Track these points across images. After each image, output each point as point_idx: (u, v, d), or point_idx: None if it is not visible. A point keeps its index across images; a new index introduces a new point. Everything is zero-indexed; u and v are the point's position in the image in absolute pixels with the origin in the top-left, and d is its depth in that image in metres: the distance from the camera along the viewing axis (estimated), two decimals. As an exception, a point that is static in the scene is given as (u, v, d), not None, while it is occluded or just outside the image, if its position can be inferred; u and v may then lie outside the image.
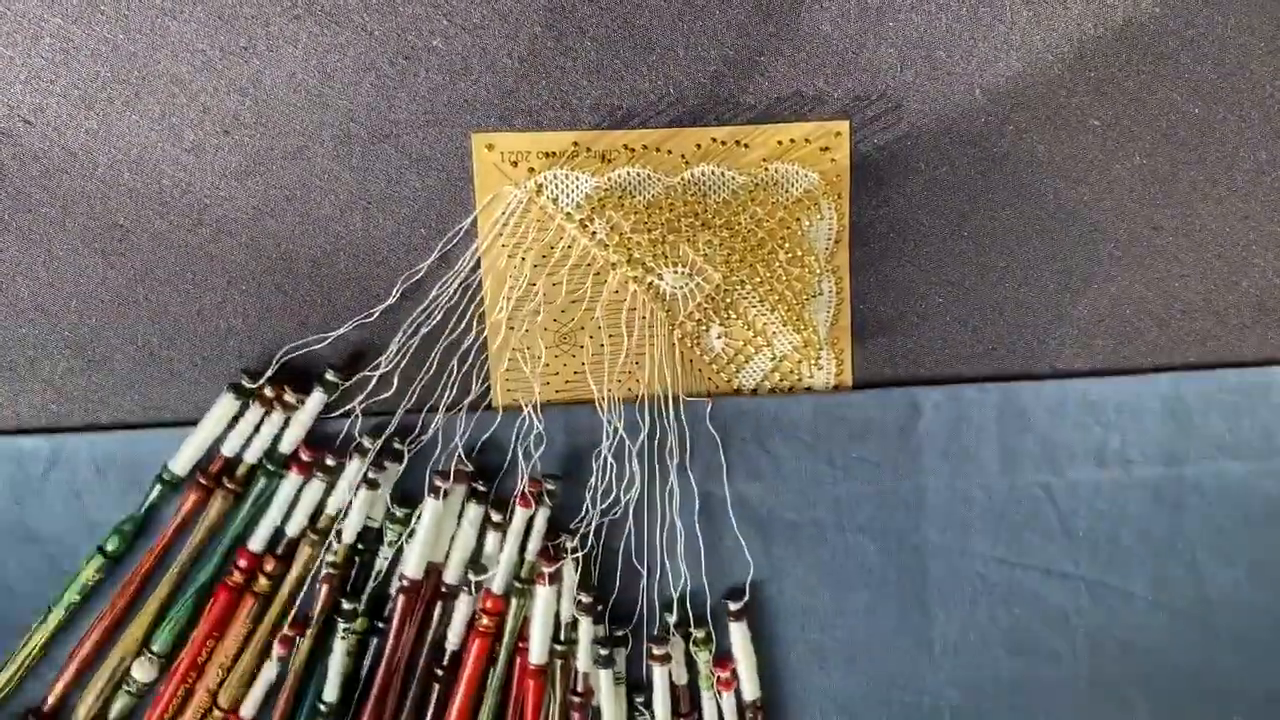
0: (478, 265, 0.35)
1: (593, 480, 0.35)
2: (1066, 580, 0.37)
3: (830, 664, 0.36)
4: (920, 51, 0.34)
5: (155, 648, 0.34)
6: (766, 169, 0.34)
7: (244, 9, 0.33)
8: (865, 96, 0.34)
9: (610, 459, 0.35)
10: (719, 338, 0.36)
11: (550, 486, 0.34)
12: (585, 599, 0.35)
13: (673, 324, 0.35)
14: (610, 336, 0.35)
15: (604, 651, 0.35)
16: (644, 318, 0.35)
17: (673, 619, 0.36)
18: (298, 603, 0.34)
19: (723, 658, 0.36)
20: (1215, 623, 0.37)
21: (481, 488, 0.35)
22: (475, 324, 0.35)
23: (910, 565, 0.36)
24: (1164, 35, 0.35)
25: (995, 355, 0.37)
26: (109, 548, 0.34)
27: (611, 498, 0.35)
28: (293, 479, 0.34)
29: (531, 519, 0.35)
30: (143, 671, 0.33)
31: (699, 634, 0.35)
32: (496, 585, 0.34)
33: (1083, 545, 0.37)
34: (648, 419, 0.35)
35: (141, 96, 0.33)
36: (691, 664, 0.36)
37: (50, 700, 0.34)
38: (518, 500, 0.34)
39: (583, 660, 0.35)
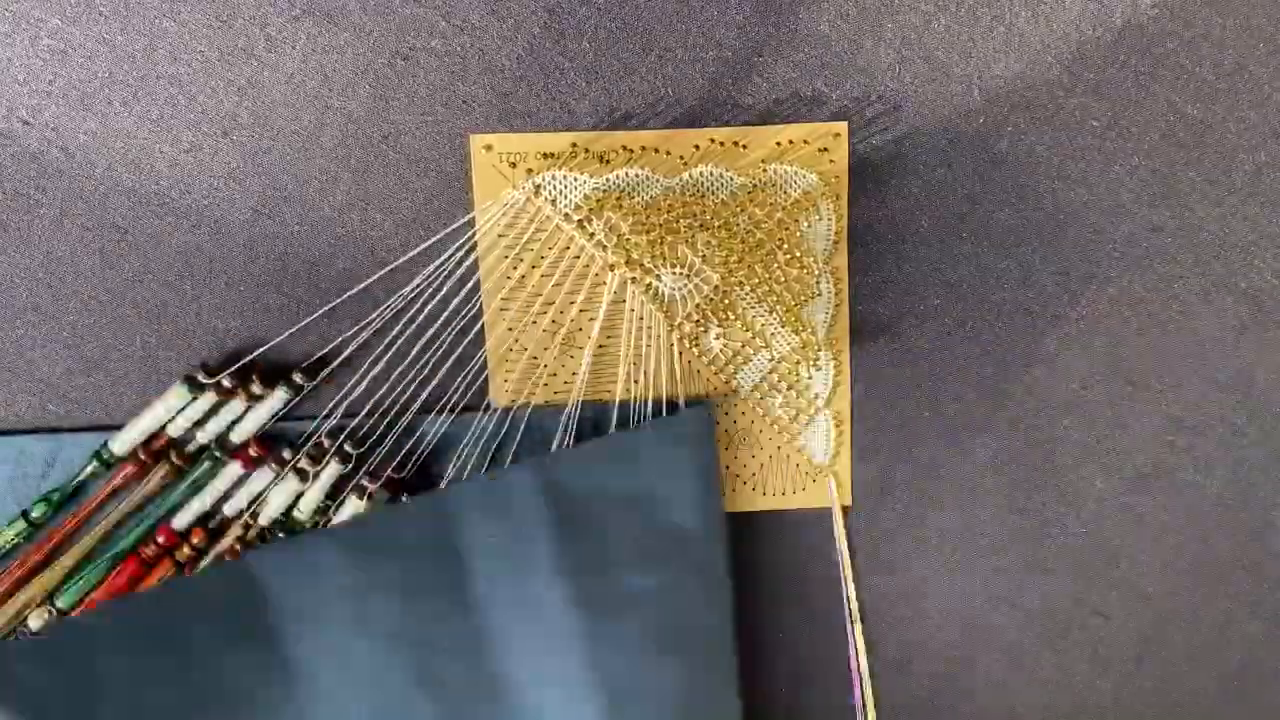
0: (476, 266, 0.35)
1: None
2: None
3: None
4: (919, 52, 0.34)
5: (59, 603, 0.34)
6: (765, 170, 0.34)
7: (242, 10, 0.33)
8: (863, 98, 0.34)
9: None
10: (717, 339, 0.36)
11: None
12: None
13: (671, 325, 0.35)
14: (609, 338, 0.35)
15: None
16: (642, 319, 0.35)
17: None
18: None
19: None
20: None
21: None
22: (473, 325, 0.35)
23: None
24: (1163, 36, 0.35)
25: (993, 356, 0.37)
26: (34, 514, 0.34)
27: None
28: (234, 469, 0.34)
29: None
30: (39, 623, 0.34)
31: None
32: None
33: None
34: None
35: (140, 97, 0.33)
36: None
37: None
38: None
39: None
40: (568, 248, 0.35)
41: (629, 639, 0.32)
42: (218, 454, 0.34)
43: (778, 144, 0.35)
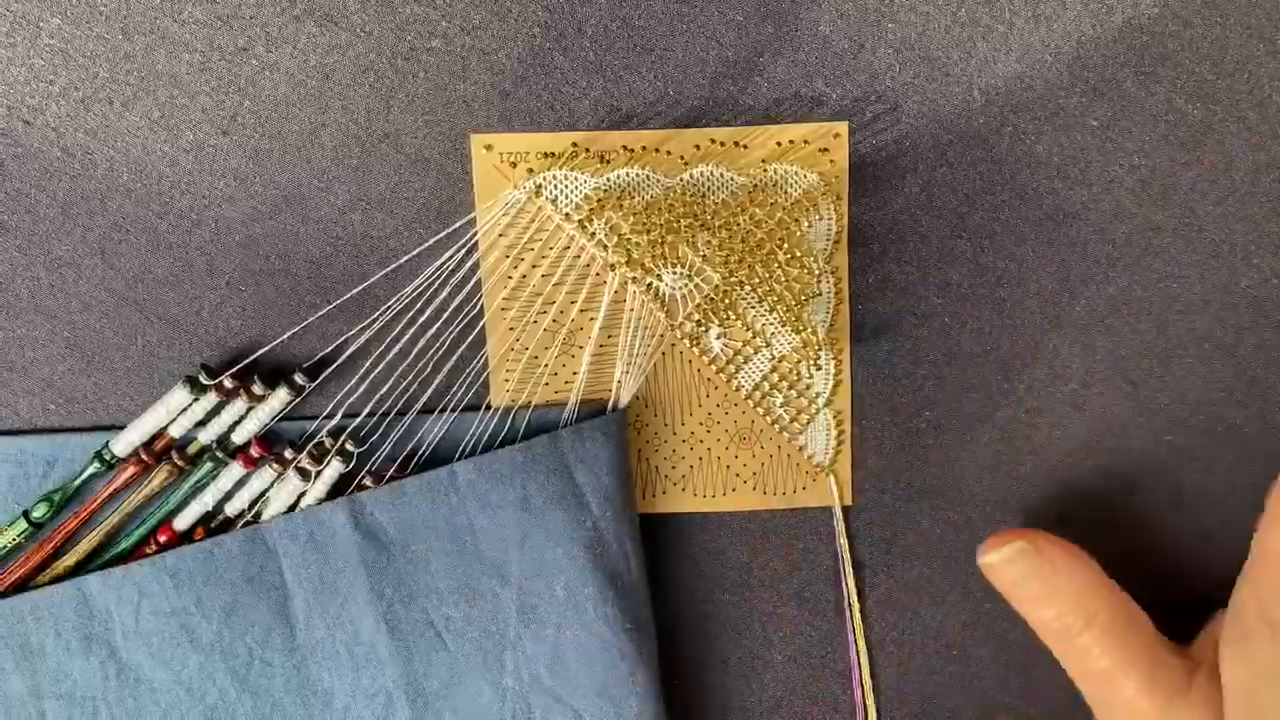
0: (476, 266, 0.35)
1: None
2: None
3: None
4: (919, 53, 0.34)
5: None
6: (765, 170, 0.35)
7: (243, 10, 0.33)
8: (864, 98, 0.34)
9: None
10: (718, 338, 0.36)
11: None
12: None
13: (672, 325, 0.35)
14: (609, 337, 0.35)
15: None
16: (642, 319, 0.35)
17: None
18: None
19: None
20: None
21: None
22: (473, 325, 0.35)
23: None
24: (1163, 36, 0.35)
25: (992, 356, 0.37)
26: (35, 514, 0.34)
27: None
28: (235, 469, 0.34)
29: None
30: None
31: None
32: None
33: None
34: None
35: (140, 97, 0.33)
36: None
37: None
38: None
39: None
40: (568, 247, 0.35)
41: (440, 665, 0.35)
42: (219, 454, 0.34)
43: (778, 144, 0.35)
